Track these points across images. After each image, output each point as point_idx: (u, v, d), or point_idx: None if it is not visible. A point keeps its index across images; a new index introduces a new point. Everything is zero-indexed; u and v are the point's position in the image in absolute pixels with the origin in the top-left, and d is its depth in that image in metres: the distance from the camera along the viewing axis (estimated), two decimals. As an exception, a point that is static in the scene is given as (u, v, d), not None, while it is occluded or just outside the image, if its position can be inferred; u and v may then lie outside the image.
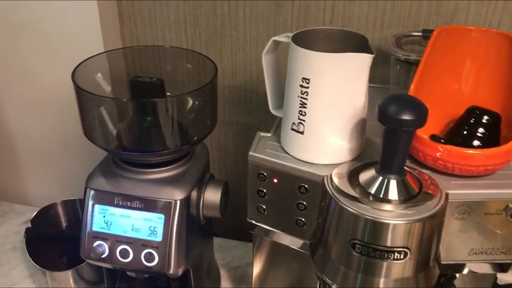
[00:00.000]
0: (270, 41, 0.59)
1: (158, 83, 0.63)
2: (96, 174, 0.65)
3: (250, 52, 0.86)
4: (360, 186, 0.52)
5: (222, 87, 0.90)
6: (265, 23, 0.83)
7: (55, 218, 0.87)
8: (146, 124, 0.62)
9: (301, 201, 0.58)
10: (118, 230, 0.64)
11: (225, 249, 0.93)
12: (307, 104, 0.54)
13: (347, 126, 0.55)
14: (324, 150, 0.56)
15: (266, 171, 0.58)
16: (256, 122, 0.92)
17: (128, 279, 0.73)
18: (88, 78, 0.69)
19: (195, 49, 0.87)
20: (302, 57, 0.53)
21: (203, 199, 0.67)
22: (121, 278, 0.75)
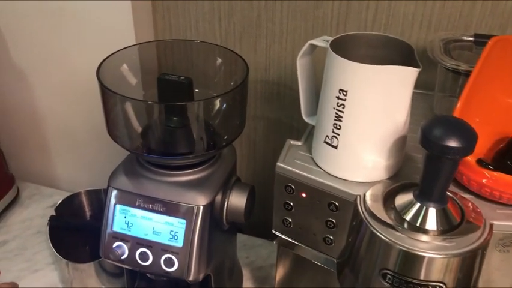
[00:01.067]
0: (306, 45, 0.55)
1: (186, 82, 0.59)
2: (119, 173, 0.63)
3: (286, 46, 0.81)
4: (396, 210, 0.48)
5: (254, 80, 0.86)
6: (304, 17, 0.78)
7: (79, 207, 0.86)
8: (171, 126, 0.59)
9: (331, 218, 0.54)
10: (138, 232, 0.62)
11: (249, 248, 0.91)
12: (343, 118, 0.50)
13: (385, 143, 0.51)
14: (358, 167, 0.52)
15: (294, 184, 0.55)
16: (288, 119, 0.88)
17: (148, 277, 0.72)
18: (116, 71, 0.66)
19: (228, 40, 0.84)
20: (340, 66, 0.49)
21: (227, 203, 0.64)
22: (141, 276, 0.73)
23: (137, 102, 0.57)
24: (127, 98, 0.56)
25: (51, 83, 0.92)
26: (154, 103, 0.59)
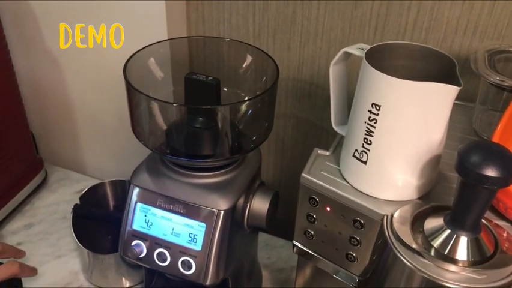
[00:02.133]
0: (340, 52, 0.52)
1: (214, 83, 0.58)
2: (141, 170, 0.62)
3: (321, 45, 0.78)
4: (424, 235, 0.46)
5: (286, 78, 0.84)
6: (341, 16, 0.75)
7: (103, 196, 0.86)
8: (196, 127, 0.58)
9: (355, 236, 0.52)
10: (157, 232, 0.61)
11: (271, 248, 0.89)
12: (374, 133, 0.47)
13: (417, 162, 0.48)
14: (387, 185, 0.50)
15: (319, 197, 0.53)
16: (318, 120, 0.85)
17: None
18: (146, 65, 0.65)
19: (261, 36, 0.81)
20: (375, 79, 0.46)
21: (249, 208, 0.63)
22: (159, 273, 0.73)
23: (161, 102, 0.56)
24: (152, 98, 0.54)
25: (83, 70, 0.92)
26: (178, 105, 0.57)
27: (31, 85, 0.98)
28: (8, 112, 0.87)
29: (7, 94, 0.86)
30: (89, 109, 0.97)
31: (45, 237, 0.89)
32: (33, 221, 0.91)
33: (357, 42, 0.75)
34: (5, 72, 0.85)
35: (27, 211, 0.94)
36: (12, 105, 0.88)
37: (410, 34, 0.72)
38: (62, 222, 0.92)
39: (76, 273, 0.82)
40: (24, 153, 0.94)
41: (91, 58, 0.89)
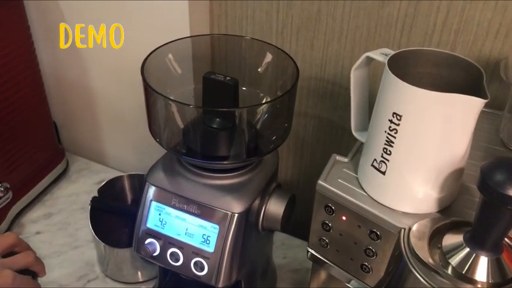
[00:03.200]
0: (362, 57, 0.50)
1: (232, 83, 0.56)
2: (157, 169, 0.62)
3: (345, 44, 0.76)
4: (442, 251, 0.44)
5: (308, 77, 0.82)
6: (367, 15, 0.72)
7: (122, 190, 0.86)
8: (212, 128, 0.57)
9: (371, 247, 0.50)
10: (171, 232, 0.61)
11: (287, 248, 0.88)
12: (394, 143, 0.46)
13: (438, 175, 0.46)
14: (406, 197, 0.48)
15: (335, 206, 0.51)
16: (340, 120, 0.83)
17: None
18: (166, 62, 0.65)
19: (285, 33, 0.80)
20: (396, 88, 0.44)
21: (264, 210, 0.62)
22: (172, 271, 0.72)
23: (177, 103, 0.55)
24: (168, 99, 0.54)
25: (105, 62, 0.92)
26: (195, 107, 0.56)
27: (54, 75, 0.98)
28: (31, 102, 0.88)
29: (31, 84, 0.87)
30: (110, 100, 0.97)
31: (63, 227, 0.89)
32: (53, 211, 0.92)
33: (383, 42, 0.73)
34: (29, 63, 0.85)
35: (47, 200, 0.95)
36: (36, 95, 0.89)
37: (438, 36, 0.69)
38: (81, 212, 0.92)
39: (92, 265, 0.83)
40: (46, 143, 0.95)
41: (114, 50, 0.89)
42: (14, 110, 0.84)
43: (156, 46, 0.63)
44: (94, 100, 0.99)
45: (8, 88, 0.81)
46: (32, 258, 0.61)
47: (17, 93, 0.83)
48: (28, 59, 0.85)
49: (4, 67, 0.79)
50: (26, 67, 0.84)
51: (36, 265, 0.61)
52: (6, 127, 0.83)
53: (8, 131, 0.83)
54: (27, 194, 0.91)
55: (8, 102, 0.82)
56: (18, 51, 0.82)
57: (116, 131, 1.01)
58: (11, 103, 0.82)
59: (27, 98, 0.86)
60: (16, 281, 0.56)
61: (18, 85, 0.83)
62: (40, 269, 0.62)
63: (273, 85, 0.67)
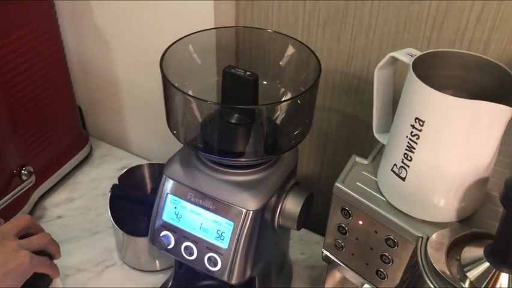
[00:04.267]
0: (387, 57, 0.48)
1: (252, 78, 0.55)
2: (175, 162, 0.62)
3: (373, 39, 0.74)
4: (460, 264, 0.42)
5: (333, 71, 0.80)
6: (396, 10, 0.70)
7: (142, 178, 0.86)
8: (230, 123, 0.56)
9: (387, 253, 0.49)
10: (186, 225, 0.60)
11: (305, 243, 0.87)
12: (415, 149, 0.44)
13: (461, 184, 0.44)
14: (426, 205, 0.46)
15: (352, 209, 0.50)
16: (365, 116, 0.81)
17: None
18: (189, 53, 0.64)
19: (311, 25, 0.77)
20: (420, 92, 0.42)
21: (281, 208, 0.61)
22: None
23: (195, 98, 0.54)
24: (185, 94, 0.53)
25: (131, 49, 0.91)
26: (212, 103, 0.55)
27: (80, 61, 0.99)
28: (57, 87, 0.89)
29: (56, 69, 0.88)
30: (134, 87, 0.97)
31: (84, 212, 0.90)
32: (75, 196, 0.94)
33: (412, 38, 0.70)
34: (55, 48, 0.86)
35: (70, 185, 0.96)
36: (61, 80, 0.90)
37: (470, 33, 0.66)
38: (102, 198, 0.93)
39: (111, 251, 0.84)
40: (71, 128, 0.96)
41: (139, 37, 0.89)
42: (40, 94, 0.84)
43: (181, 34, 0.62)
44: (118, 86, 0.99)
45: (34, 72, 0.82)
46: (48, 239, 0.62)
47: (43, 78, 0.84)
48: (54, 44, 0.85)
49: (30, 52, 0.79)
50: (52, 52, 0.85)
51: (52, 247, 0.62)
52: (32, 111, 0.83)
53: (33, 115, 0.84)
54: (50, 177, 0.92)
55: (34, 87, 0.82)
56: (45, 36, 0.82)
57: (140, 118, 1.01)
58: (37, 87, 0.83)
59: (52, 82, 0.87)
60: (33, 261, 0.57)
61: (44, 69, 0.84)
62: (55, 251, 0.62)
63: (295, 80, 0.66)
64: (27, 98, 0.82)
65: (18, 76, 0.78)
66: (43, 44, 0.82)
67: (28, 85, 0.81)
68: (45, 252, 0.61)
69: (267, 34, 0.69)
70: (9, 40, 0.75)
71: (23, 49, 0.78)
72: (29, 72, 0.80)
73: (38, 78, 0.83)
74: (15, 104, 0.80)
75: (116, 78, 0.97)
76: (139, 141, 1.05)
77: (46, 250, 0.61)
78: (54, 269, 0.61)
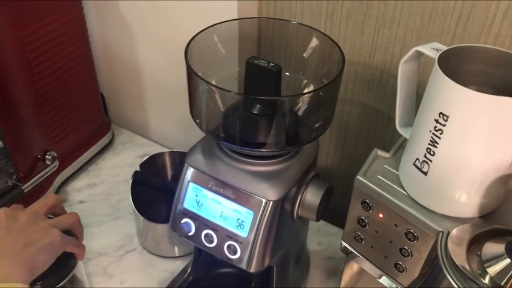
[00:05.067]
0: (412, 51, 0.48)
1: (275, 70, 0.55)
2: (196, 151, 0.62)
3: (397, 31, 0.73)
4: (480, 259, 0.42)
5: (356, 63, 0.80)
6: (422, 3, 0.69)
7: (163, 166, 0.87)
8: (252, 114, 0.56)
9: (407, 247, 0.49)
10: (207, 214, 0.61)
11: (323, 234, 0.88)
12: (438, 144, 0.44)
13: (483, 180, 0.44)
14: (447, 200, 0.46)
15: (372, 202, 0.50)
16: (386, 109, 0.81)
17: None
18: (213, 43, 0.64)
19: (334, 16, 0.77)
20: (445, 87, 0.42)
21: (300, 199, 0.61)
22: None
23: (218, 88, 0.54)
24: (209, 84, 0.53)
25: (154, 38, 0.92)
26: (235, 93, 0.56)
27: (103, 49, 1.00)
28: (81, 74, 0.90)
29: (81, 56, 0.89)
30: (156, 76, 0.98)
31: (106, 197, 0.92)
32: (96, 181, 0.95)
33: (437, 31, 0.70)
34: (80, 36, 0.87)
35: (92, 170, 0.97)
36: (86, 67, 0.91)
37: (497, 27, 0.66)
38: (123, 185, 0.94)
39: (132, 237, 0.85)
40: (93, 114, 0.98)
41: (163, 26, 0.89)
42: (65, 81, 0.86)
43: (204, 24, 0.62)
44: (141, 74, 1.00)
45: (59, 60, 0.83)
46: (76, 218, 0.63)
47: (68, 65, 0.85)
48: (79, 32, 0.86)
49: (56, 39, 0.81)
50: (77, 40, 0.86)
51: (79, 227, 0.63)
52: (56, 98, 0.85)
53: (57, 102, 0.85)
54: (73, 163, 0.94)
55: (59, 74, 0.84)
56: (70, 24, 0.83)
57: (162, 106, 1.02)
58: (62, 74, 0.84)
59: (77, 69, 0.88)
60: (64, 240, 0.58)
61: (69, 57, 0.85)
62: (81, 233, 0.63)
63: (318, 72, 0.66)
64: (52, 85, 0.83)
65: (43, 63, 0.80)
66: (68, 32, 0.83)
67: (53, 72, 0.82)
68: (71, 232, 0.62)
69: (290, 25, 0.69)
70: (35, 28, 0.76)
71: (48, 37, 0.79)
72: (54, 60, 0.82)
73: (63, 65, 0.84)
74: (41, 90, 0.81)
75: (138, 65, 0.98)
76: (159, 129, 1.06)
77: (72, 231, 0.62)
78: (82, 249, 0.62)
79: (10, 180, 0.84)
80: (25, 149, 0.82)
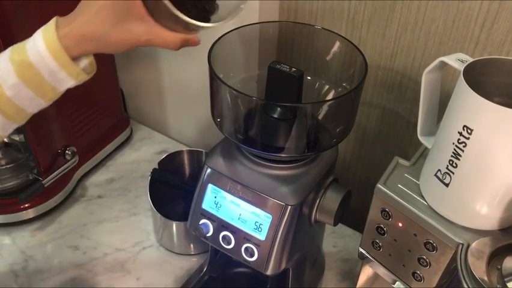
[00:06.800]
0: (436, 61, 0.48)
1: (297, 75, 0.55)
2: (216, 153, 0.63)
3: (419, 36, 0.73)
4: (501, 273, 0.42)
5: (376, 67, 0.79)
6: (445, 8, 0.68)
7: (181, 164, 0.88)
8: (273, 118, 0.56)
9: (425, 257, 0.49)
10: (225, 215, 0.62)
11: (338, 236, 0.88)
12: (461, 157, 0.44)
13: (505, 194, 0.44)
14: (468, 212, 0.46)
15: (392, 211, 0.50)
16: (406, 113, 0.81)
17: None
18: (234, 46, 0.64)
19: (356, 19, 0.77)
20: (470, 100, 0.42)
21: (319, 204, 0.61)
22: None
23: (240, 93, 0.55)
24: (231, 88, 0.54)
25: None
26: (257, 99, 0.56)
27: (124, 45, 1.01)
28: (101, 69, 0.90)
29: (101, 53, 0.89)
30: (176, 74, 0.98)
31: (123, 193, 0.93)
32: (115, 177, 0.96)
33: (460, 37, 0.69)
34: (101, 32, 0.88)
35: (111, 166, 0.98)
36: (105, 63, 0.92)
37: (523, 35, 0.65)
38: (141, 180, 0.95)
39: (148, 233, 0.86)
40: (113, 110, 0.99)
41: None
42: (85, 77, 0.86)
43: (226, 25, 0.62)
44: (160, 71, 1.00)
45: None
46: None
47: (88, 61, 0.86)
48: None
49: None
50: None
51: None
52: (77, 93, 0.85)
53: (78, 97, 0.87)
54: (92, 158, 0.95)
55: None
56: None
57: (180, 104, 1.03)
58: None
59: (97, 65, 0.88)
60: None
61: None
62: None
63: (339, 76, 0.66)
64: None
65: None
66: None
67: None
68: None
69: (312, 30, 0.69)
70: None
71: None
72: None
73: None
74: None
75: (158, 62, 0.99)
76: (177, 127, 1.07)
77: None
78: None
79: (31, 175, 0.86)
80: (46, 143, 0.84)
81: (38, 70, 0.47)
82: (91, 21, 0.46)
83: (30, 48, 0.46)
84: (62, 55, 0.46)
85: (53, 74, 0.47)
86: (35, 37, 0.47)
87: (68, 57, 0.47)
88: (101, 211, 0.89)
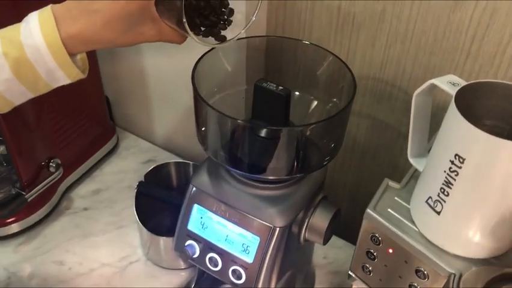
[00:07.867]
0: (427, 83, 0.46)
1: (284, 93, 0.54)
2: (202, 172, 0.61)
3: (409, 47, 0.71)
4: (494, 306, 0.41)
5: (366, 77, 0.78)
6: (436, 19, 0.67)
7: (167, 176, 0.86)
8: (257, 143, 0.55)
9: (416, 284, 0.48)
10: (211, 237, 0.60)
11: (328, 247, 0.86)
12: (453, 186, 0.42)
13: (498, 224, 0.43)
14: (460, 241, 0.45)
15: (382, 237, 0.49)
16: (396, 123, 0.79)
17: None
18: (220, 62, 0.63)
19: (345, 29, 0.75)
20: (462, 128, 0.40)
21: (308, 223, 0.60)
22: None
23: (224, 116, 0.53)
24: (216, 111, 0.52)
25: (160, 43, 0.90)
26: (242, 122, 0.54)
27: (108, 51, 0.98)
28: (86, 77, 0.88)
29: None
30: (162, 80, 0.96)
31: (110, 205, 0.91)
32: (101, 187, 0.94)
33: (451, 48, 0.68)
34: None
35: (97, 176, 0.96)
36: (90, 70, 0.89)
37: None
38: (128, 191, 0.93)
39: (136, 247, 0.84)
40: (98, 119, 0.96)
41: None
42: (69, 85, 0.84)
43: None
44: (146, 78, 0.98)
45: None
46: None
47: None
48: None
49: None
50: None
51: None
52: (60, 103, 0.83)
53: (62, 107, 0.84)
54: (77, 169, 0.93)
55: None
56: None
57: (167, 112, 1.01)
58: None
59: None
60: None
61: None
62: None
63: (329, 91, 0.64)
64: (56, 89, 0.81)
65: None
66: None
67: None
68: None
69: (300, 44, 0.67)
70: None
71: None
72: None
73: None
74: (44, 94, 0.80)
75: (144, 69, 0.97)
76: (164, 135, 1.05)
77: None
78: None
79: (13, 189, 0.83)
80: (29, 155, 0.81)
81: (35, 67, 0.45)
82: (103, 29, 0.45)
83: (27, 44, 0.44)
84: (63, 55, 0.45)
85: (50, 72, 0.45)
86: (32, 31, 0.44)
87: (69, 58, 0.45)
88: (87, 224, 0.87)
